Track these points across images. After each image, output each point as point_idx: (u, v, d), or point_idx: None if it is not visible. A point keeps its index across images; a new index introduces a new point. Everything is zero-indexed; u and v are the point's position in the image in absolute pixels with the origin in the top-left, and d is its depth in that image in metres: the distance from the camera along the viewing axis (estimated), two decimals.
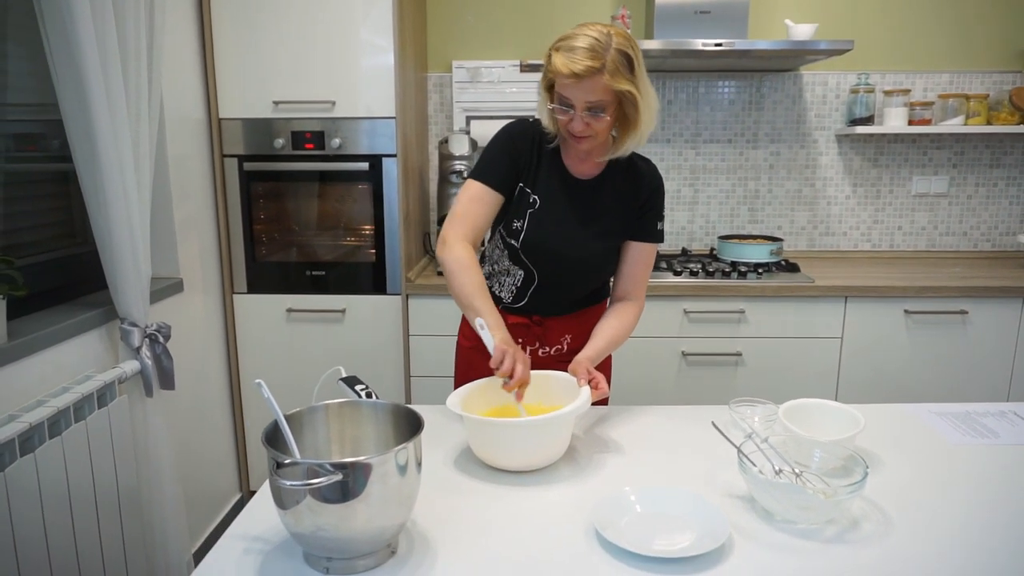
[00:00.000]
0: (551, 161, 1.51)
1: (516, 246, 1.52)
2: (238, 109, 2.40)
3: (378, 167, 2.42)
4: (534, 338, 1.61)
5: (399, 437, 1.09)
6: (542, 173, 1.50)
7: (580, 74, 1.30)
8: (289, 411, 1.06)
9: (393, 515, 0.98)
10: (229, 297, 2.51)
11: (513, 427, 1.25)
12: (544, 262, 1.53)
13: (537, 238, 1.50)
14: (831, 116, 2.91)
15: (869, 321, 2.45)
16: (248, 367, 2.56)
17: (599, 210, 1.51)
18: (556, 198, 1.50)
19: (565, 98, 1.35)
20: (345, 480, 0.91)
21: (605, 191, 1.51)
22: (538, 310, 1.59)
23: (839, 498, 1.08)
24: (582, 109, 1.34)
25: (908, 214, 2.99)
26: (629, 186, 1.52)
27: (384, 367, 2.54)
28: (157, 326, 1.83)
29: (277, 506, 0.97)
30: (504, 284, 1.60)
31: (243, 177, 2.44)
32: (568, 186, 1.50)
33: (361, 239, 2.50)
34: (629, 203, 1.52)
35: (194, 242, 2.32)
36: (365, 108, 2.38)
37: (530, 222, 1.50)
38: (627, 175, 1.52)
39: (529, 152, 1.49)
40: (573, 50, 1.31)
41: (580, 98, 1.33)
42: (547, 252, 1.51)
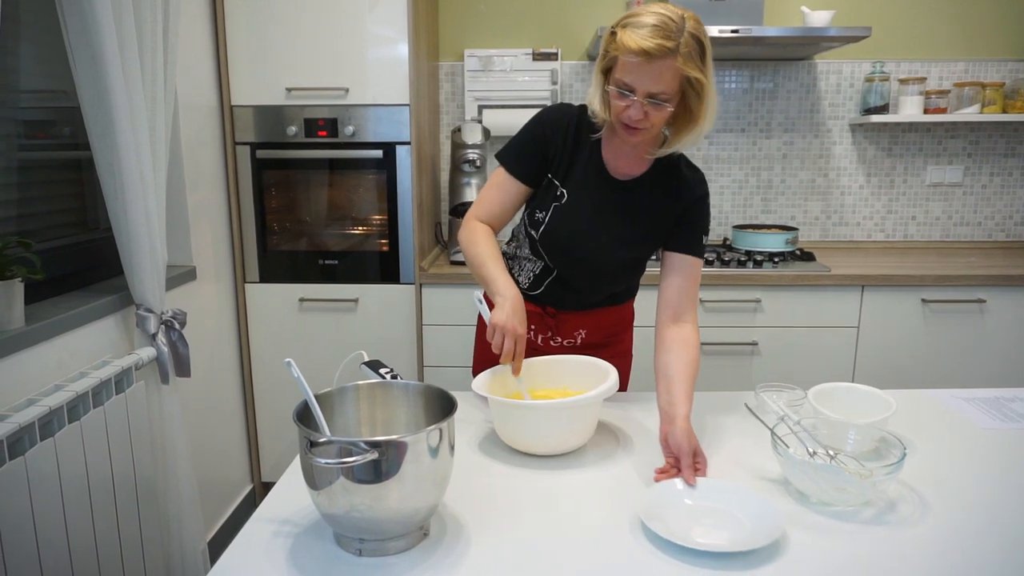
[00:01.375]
0: (589, 154, 1.40)
1: (535, 237, 1.46)
2: (250, 96, 2.38)
3: (392, 155, 2.40)
4: (547, 328, 1.56)
5: (430, 418, 1.07)
6: (577, 166, 1.41)
7: (651, 52, 1.17)
8: (318, 392, 1.04)
9: (427, 496, 0.96)
10: (241, 286, 2.49)
11: (541, 409, 1.23)
12: (561, 260, 1.47)
13: (558, 235, 1.42)
14: (845, 105, 2.89)
15: (886, 310, 2.43)
16: (260, 357, 2.55)
17: (631, 215, 1.40)
18: (586, 195, 1.41)
19: (626, 82, 1.22)
20: (379, 459, 0.90)
21: (642, 195, 1.40)
22: (552, 302, 1.54)
23: (876, 479, 1.06)
24: (644, 95, 1.22)
25: (922, 204, 2.97)
26: (670, 192, 1.39)
27: (397, 357, 2.52)
28: (173, 312, 1.81)
29: (309, 486, 0.96)
30: (524, 269, 1.56)
31: (255, 165, 2.43)
32: (602, 184, 1.40)
33: (374, 228, 2.48)
34: (667, 211, 1.40)
35: (207, 230, 2.30)
36: (379, 95, 2.36)
37: (553, 216, 1.42)
38: (669, 181, 1.40)
39: (563, 142, 1.39)
40: (644, 27, 1.18)
41: (645, 83, 1.20)
42: (566, 251, 1.44)
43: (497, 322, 1.26)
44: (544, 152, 1.42)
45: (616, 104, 1.26)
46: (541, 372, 1.38)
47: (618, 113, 1.27)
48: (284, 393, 2.57)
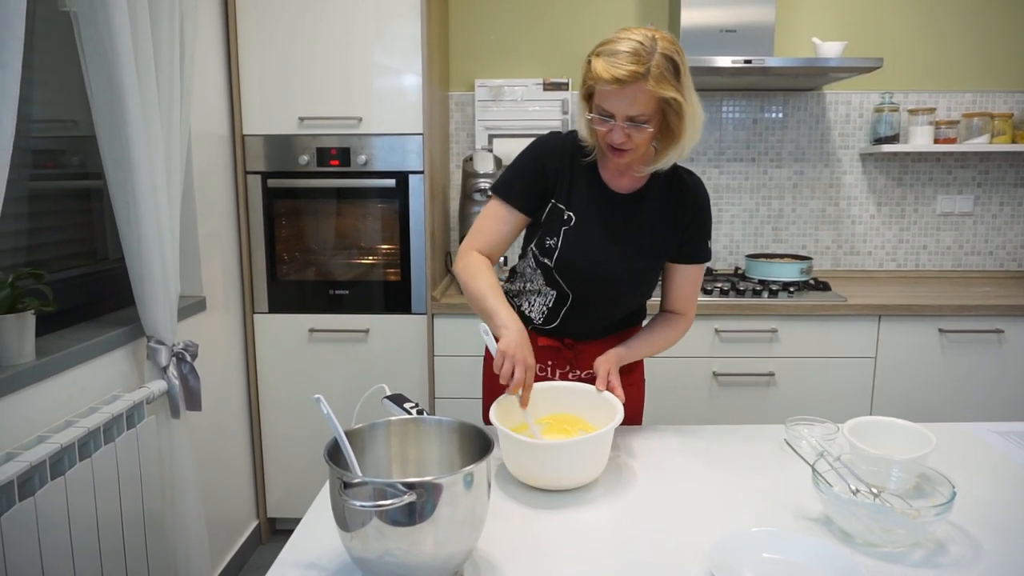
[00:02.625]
0: (588, 175, 1.43)
1: (550, 265, 1.44)
2: (262, 125, 2.37)
3: (404, 184, 2.38)
4: (565, 362, 1.53)
5: (465, 457, 1.03)
6: (578, 188, 1.42)
7: (623, 79, 1.21)
8: (347, 428, 1.00)
9: (463, 539, 0.92)
10: (250, 317, 2.46)
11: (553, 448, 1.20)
12: (580, 281, 1.45)
13: (573, 256, 1.42)
14: (855, 135, 2.89)
15: (903, 340, 2.41)
16: (268, 389, 2.50)
17: (640, 225, 1.43)
18: (593, 214, 1.42)
19: (605, 108, 1.27)
20: (416, 501, 0.86)
21: (647, 205, 1.43)
22: (570, 333, 1.52)
23: (925, 519, 1.02)
24: (623, 119, 1.26)
25: (933, 233, 2.96)
26: (674, 200, 1.44)
27: (408, 389, 2.47)
28: (184, 344, 1.78)
29: (340, 529, 0.91)
30: (535, 304, 1.52)
31: (266, 194, 2.40)
32: (606, 201, 1.43)
33: (385, 257, 2.45)
34: (674, 218, 1.44)
35: (217, 260, 2.27)
36: (392, 125, 2.35)
37: (565, 240, 1.41)
38: (672, 188, 1.44)
39: (560, 167, 1.41)
40: (615, 54, 1.22)
41: (622, 108, 1.25)
42: (584, 271, 1.43)
43: (505, 349, 1.25)
44: (542, 180, 1.42)
45: (599, 129, 1.31)
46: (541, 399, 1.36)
47: (602, 137, 1.32)
48: (291, 426, 2.52)
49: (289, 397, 2.50)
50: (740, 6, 2.54)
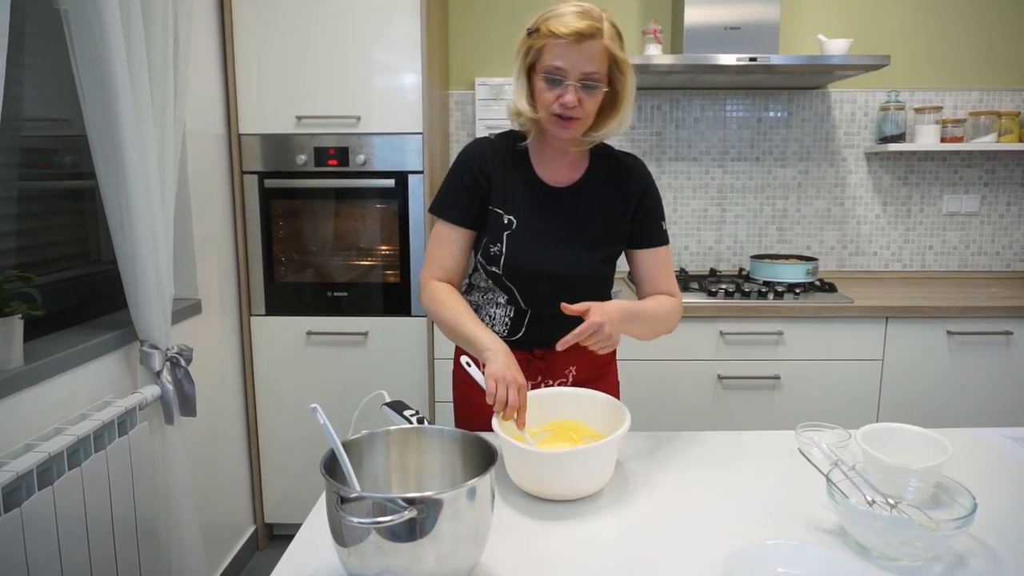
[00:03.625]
0: (523, 174, 1.38)
1: (499, 272, 1.39)
2: (259, 124, 2.33)
3: (404, 184, 2.34)
4: (536, 372, 1.47)
5: (468, 468, 0.99)
6: (514, 190, 1.37)
7: (583, 31, 1.22)
8: (345, 438, 0.96)
9: (467, 554, 0.88)
10: (246, 319, 2.42)
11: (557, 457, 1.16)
12: (531, 285, 1.40)
13: (519, 260, 1.37)
14: (860, 134, 2.85)
15: (911, 342, 2.37)
16: (265, 393, 2.46)
17: (585, 217, 1.39)
18: (534, 213, 1.37)
19: (559, 68, 1.24)
20: (416, 517, 0.82)
21: (588, 196, 1.39)
22: (537, 342, 1.45)
23: (945, 532, 0.98)
24: (577, 78, 1.24)
25: (939, 233, 2.92)
26: (617, 184, 1.40)
27: (408, 392, 2.43)
28: (179, 348, 1.74)
29: (338, 544, 0.88)
30: (496, 317, 1.47)
31: (263, 194, 2.36)
32: (545, 198, 1.38)
33: (384, 259, 2.42)
34: (620, 203, 1.40)
35: (212, 261, 2.23)
36: (391, 124, 2.32)
37: (509, 244, 1.36)
38: (611, 174, 1.40)
39: (492, 171, 1.37)
40: (565, 15, 1.24)
41: (578, 64, 1.23)
42: (533, 273, 1.37)
43: (495, 373, 1.19)
44: (476, 189, 1.37)
45: (547, 96, 1.26)
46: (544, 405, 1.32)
47: (550, 104, 1.26)
48: (289, 430, 2.47)
49: (286, 401, 2.46)
50: (744, 3, 2.50)
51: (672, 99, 2.84)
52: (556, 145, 1.37)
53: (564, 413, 1.35)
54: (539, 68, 1.27)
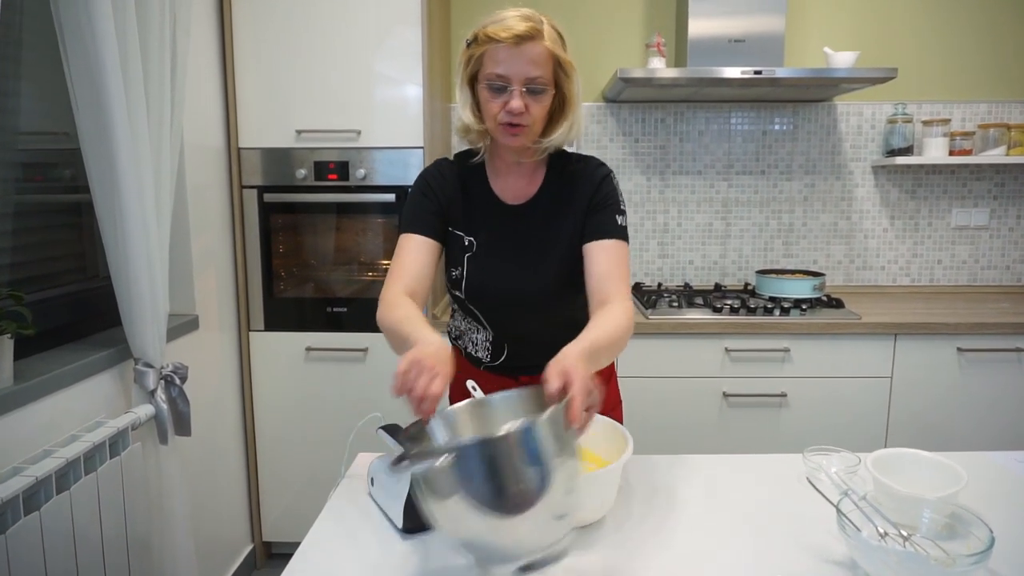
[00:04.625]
0: (480, 193, 1.34)
1: (461, 296, 1.35)
2: (259, 138, 2.31)
3: (404, 198, 2.31)
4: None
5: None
6: (472, 211, 1.33)
7: (522, 34, 1.17)
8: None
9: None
10: (245, 335, 2.39)
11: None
12: (496, 308, 1.35)
13: (481, 283, 1.32)
14: (867, 147, 2.82)
15: (920, 359, 2.32)
16: (264, 409, 2.43)
17: (544, 234, 1.32)
18: (493, 233, 1.32)
19: (501, 75, 1.19)
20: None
21: (545, 209, 1.32)
22: (522, 367, 1.39)
23: (962, 568, 0.94)
24: (521, 83, 1.19)
25: (948, 247, 2.88)
26: (571, 191, 1.32)
27: (407, 409, 2.39)
28: (174, 367, 1.71)
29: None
30: (478, 343, 1.42)
31: (262, 209, 2.34)
32: (504, 216, 1.33)
33: (385, 274, 2.38)
34: (575, 210, 1.31)
35: (211, 277, 2.21)
36: (391, 138, 2.29)
37: (469, 267, 1.32)
38: (564, 182, 1.33)
39: (451, 192, 1.32)
40: (504, 19, 1.21)
41: (521, 69, 1.18)
42: (496, 295, 1.32)
43: (413, 355, 0.93)
44: (439, 204, 1.32)
45: (492, 105, 1.21)
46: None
47: (495, 113, 1.21)
48: (287, 447, 2.44)
49: (285, 417, 2.42)
50: (749, 16, 2.47)
51: (676, 112, 2.81)
52: (509, 157, 1.32)
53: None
54: (481, 77, 1.23)
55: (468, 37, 1.25)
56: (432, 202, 1.31)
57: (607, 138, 2.83)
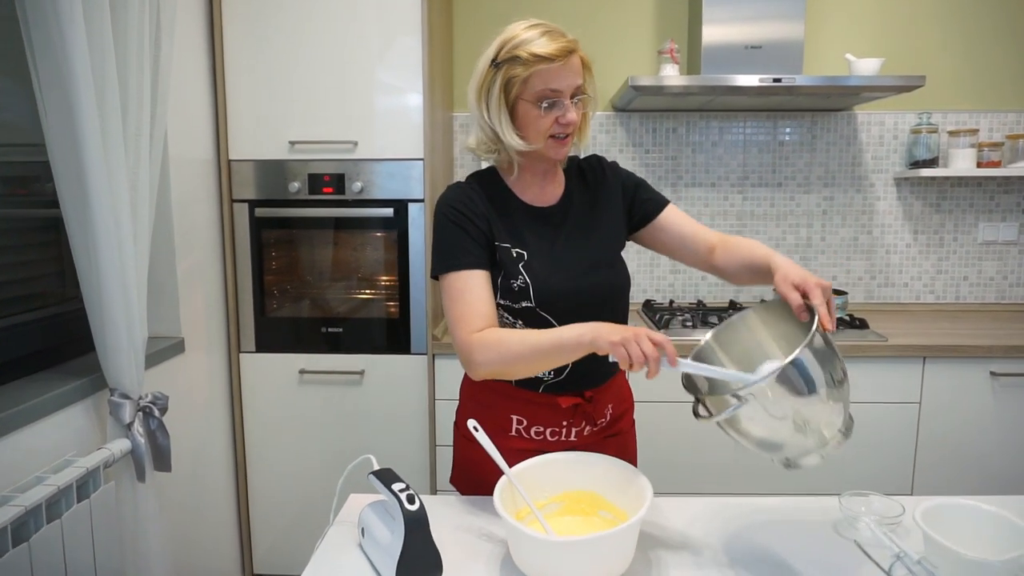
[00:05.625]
0: (511, 206, 1.31)
1: (531, 305, 1.26)
2: (250, 150, 2.19)
3: (403, 213, 2.20)
4: (582, 418, 1.34)
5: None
6: (510, 223, 1.29)
7: (567, 49, 1.19)
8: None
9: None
10: (235, 357, 2.26)
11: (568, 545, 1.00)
12: (567, 305, 1.27)
13: (547, 284, 1.26)
14: (889, 158, 2.69)
15: (950, 384, 2.19)
16: (255, 435, 2.30)
17: (587, 227, 1.34)
18: (539, 239, 1.30)
19: (555, 90, 1.20)
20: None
21: (578, 205, 1.35)
22: (584, 380, 1.32)
23: None
24: (570, 94, 1.21)
25: (975, 263, 2.74)
26: (596, 183, 1.38)
27: (407, 435, 2.27)
28: (152, 397, 1.58)
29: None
30: None
31: (253, 224, 2.22)
32: (543, 221, 1.32)
33: (382, 292, 2.26)
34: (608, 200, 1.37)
35: (199, 296, 2.08)
36: (390, 149, 2.17)
37: (531, 273, 1.27)
38: (585, 177, 1.39)
39: (484, 210, 1.27)
40: (540, 37, 1.19)
41: (570, 81, 1.21)
42: (566, 292, 1.27)
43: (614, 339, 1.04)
44: (479, 231, 1.26)
45: (544, 121, 1.21)
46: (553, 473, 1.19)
47: (549, 128, 1.22)
48: (279, 475, 2.31)
49: (277, 443, 2.30)
50: (766, 22, 2.35)
51: (689, 121, 2.69)
52: (539, 167, 1.32)
53: (575, 481, 1.20)
54: (527, 96, 1.21)
55: (498, 58, 1.22)
56: (472, 228, 1.26)
57: (616, 148, 2.71)
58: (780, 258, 1.16)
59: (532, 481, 1.17)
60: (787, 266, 1.13)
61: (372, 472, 1.15)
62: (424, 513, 1.04)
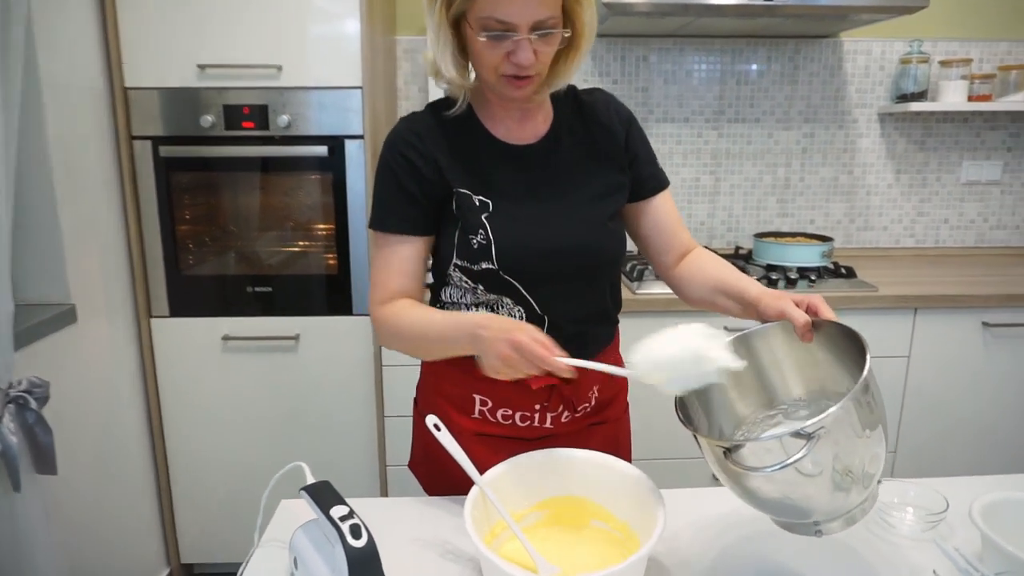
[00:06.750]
0: (478, 142, 1.06)
1: (493, 268, 1.03)
2: (150, 76, 1.82)
3: (340, 152, 1.88)
4: (559, 401, 1.12)
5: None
6: (474, 163, 1.05)
7: None
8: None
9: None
10: (145, 323, 1.94)
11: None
12: (540, 273, 1.05)
13: (515, 241, 1.03)
14: (874, 91, 2.48)
15: (941, 336, 2.04)
16: (173, 413, 2.00)
17: (573, 172, 1.08)
18: (510, 184, 1.05)
19: (503, 22, 0.92)
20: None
21: (566, 146, 1.09)
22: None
23: None
24: (528, 30, 0.92)
25: (956, 205, 2.59)
26: (595, 124, 1.11)
27: (351, 406, 2.01)
28: (28, 384, 1.27)
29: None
30: None
31: (160, 165, 1.87)
32: (517, 162, 1.06)
33: (318, 244, 1.96)
34: (605, 146, 1.10)
35: (92, 254, 1.74)
36: (322, 76, 1.84)
37: (494, 230, 1.03)
38: (583, 113, 1.11)
39: (435, 150, 1.04)
40: None
41: (526, 15, 0.91)
42: (537, 253, 1.04)
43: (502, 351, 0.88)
44: (419, 180, 1.03)
45: (490, 55, 0.95)
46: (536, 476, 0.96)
47: (496, 65, 0.96)
48: (203, 456, 2.03)
49: (200, 421, 2.00)
50: None
51: (661, 49, 2.41)
52: (506, 105, 1.06)
53: (566, 487, 0.97)
54: (472, 21, 0.94)
55: None
56: (407, 180, 1.04)
57: (580, 78, 2.42)
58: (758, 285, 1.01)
59: (508, 488, 0.94)
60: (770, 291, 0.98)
61: (305, 487, 0.89)
62: (374, 549, 0.79)
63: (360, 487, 2.07)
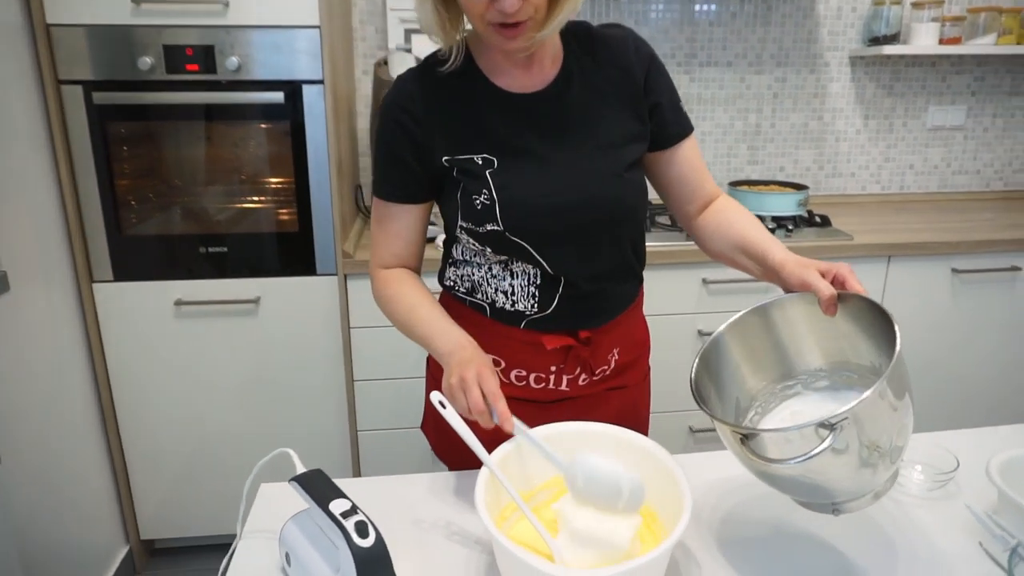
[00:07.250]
0: (481, 95, 0.97)
1: (499, 229, 0.95)
2: (77, 11, 1.62)
3: (297, 97, 1.72)
4: (576, 363, 1.05)
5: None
6: (477, 120, 0.97)
7: None
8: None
9: None
10: (87, 289, 1.78)
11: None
12: (550, 231, 0.97)
13: (522, 199, 0.95)
14: (846, 34, 2.43)
15: (912, 283, 2.05)
16: (124, 384, 1.86)
17: (584, 120, 0.99)
18: (515, 137, 0.97)
19: None
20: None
21: (576, 91, 0.98)
22: (579, 317, 1.03)
23: None
24: None
25: (921, 150, 2.59)
26: (611, 65, 1.00)
27: (317, 371, 1.90)
28: None
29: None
30: (517, 291, 1.02)
31: (93, 113, 1.68)
32: (523, 110, 0.97)
33: (276, 200, 1.82)
34: (623, 89, 1.00)
35: (21, 215, 1.57)
36: (274, 14, 1.67)
37: (498, 187, 0.95)
38: (598, 53, 1.00)
39: (426, 112, 0.96)
40: None
41: None
42: (546, 211, 0.96)
43: (451, 383, 0.87)
44: (412, 148, 0.97)
45: (475, 5, 0.86)
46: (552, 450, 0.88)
47: (482, 14, 0.87)
48: (158, 427, 1.90)
49: (153, 392, 1.87)
50: None
51: None
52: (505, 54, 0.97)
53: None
54: None
55: None
56: (400, 147, 0.98)
57: None
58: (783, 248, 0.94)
59: (517, 466, 0.87)
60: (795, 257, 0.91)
61: (295, 478, 0.80)
62: (384, 549, 0.71)
63: (330, 456, 1.98)
